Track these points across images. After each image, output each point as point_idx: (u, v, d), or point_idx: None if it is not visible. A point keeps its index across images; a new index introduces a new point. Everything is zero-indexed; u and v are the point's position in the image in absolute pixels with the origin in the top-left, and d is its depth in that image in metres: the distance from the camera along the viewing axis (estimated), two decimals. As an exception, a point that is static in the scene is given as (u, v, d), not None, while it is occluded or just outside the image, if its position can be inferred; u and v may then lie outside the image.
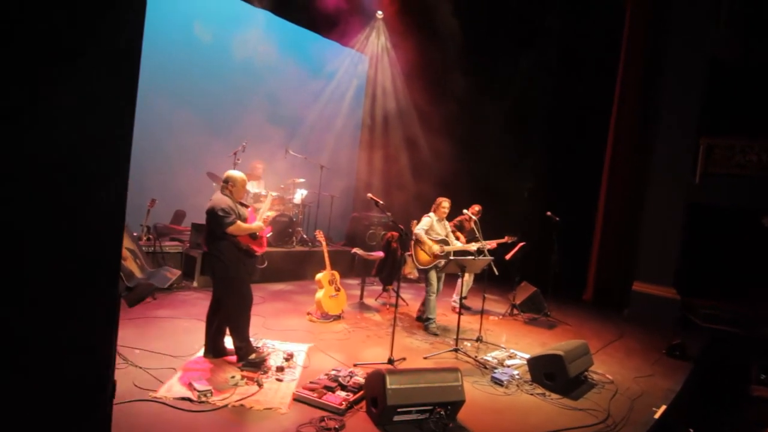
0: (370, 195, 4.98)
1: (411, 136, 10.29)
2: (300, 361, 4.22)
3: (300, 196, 8.06)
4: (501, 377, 4.23)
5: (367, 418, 3.33)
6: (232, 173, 4.07)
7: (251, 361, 3.90)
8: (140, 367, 3.66)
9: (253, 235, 4.06)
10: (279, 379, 3.77)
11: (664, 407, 4.12)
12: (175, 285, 6.05)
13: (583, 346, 4.61)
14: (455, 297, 6.67)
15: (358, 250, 7.17)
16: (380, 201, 4.84)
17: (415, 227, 5.81)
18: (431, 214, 5.81)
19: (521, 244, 6.80)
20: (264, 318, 5.34)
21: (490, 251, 5.89)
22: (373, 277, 7.11)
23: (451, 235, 5.94)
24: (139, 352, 3.97)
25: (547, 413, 3.79)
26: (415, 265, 5.85)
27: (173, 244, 6.83)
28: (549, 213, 6.92)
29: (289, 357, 4.17)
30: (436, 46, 9.51)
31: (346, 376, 3.72)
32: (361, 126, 10.88)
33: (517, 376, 4.37)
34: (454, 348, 4.95)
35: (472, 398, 3.70)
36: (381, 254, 6.87)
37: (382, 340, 5.05)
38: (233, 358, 4.02)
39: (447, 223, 5.94)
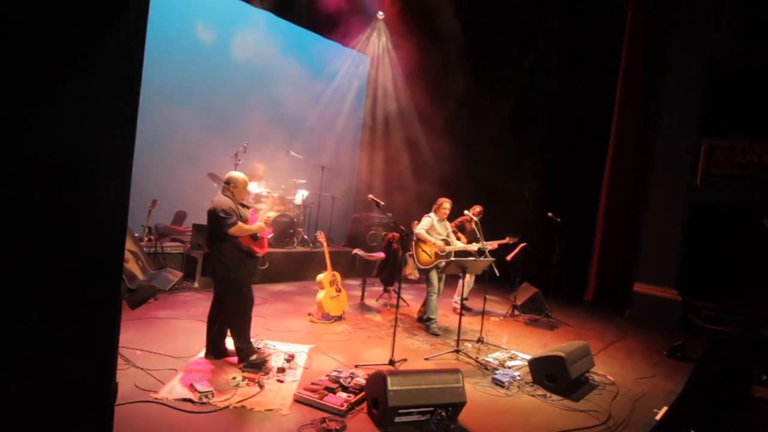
0: (371, 196, 4.98)
1: (412, 137, 10.30)
2: (301, 362, 4.23)
3: (301, 196, 8.06)
4: (502, 378, 4.23)
5: (368, 420, 3.33)
6: (234, 174, 4.08)
7: (252, 362, 3.90)
8: (141, 368, 3.67)
9: (255, 236, 4.07)
10: (280, 380, 3.78)
11: (665, 408, 4.11)
12: (176, 286, 6.04)
13: (584, 347, 4.61)
14: (456, 298, 6.67)
15: (359, 251, 7.16)
16: (381, 202, 4.84)
17: (416, 227, 5.81)
18: (432, 214, 5.81)
19: (522, 244, 6.79)
20: (265, 319, 5.34)
21: (491, 252, 5.89)
22: (374, 277, 7.11)
23: (452, 235, 5.94)
24: (141, 353, 3.98)
25: (548, 414, 3.79)
26: (416, 266, 5.85)
27: (174, 245, 6.83)
28: (550, 214, 6.92)
29: (290, 358, 4.18)
30: (437, 47, 9.52)
31: (347, 378, 3.72)
32: (362, 127, 10.88)
33: (518, 378, 4.36)
34: (455, 349, 4.95)
35: (473, 399, 3.70)
36: (382, 255, 6.87)
37: (383, 341, 5.05)
38: (234, 359, 4.02)
39: (448, 223, 5.94)
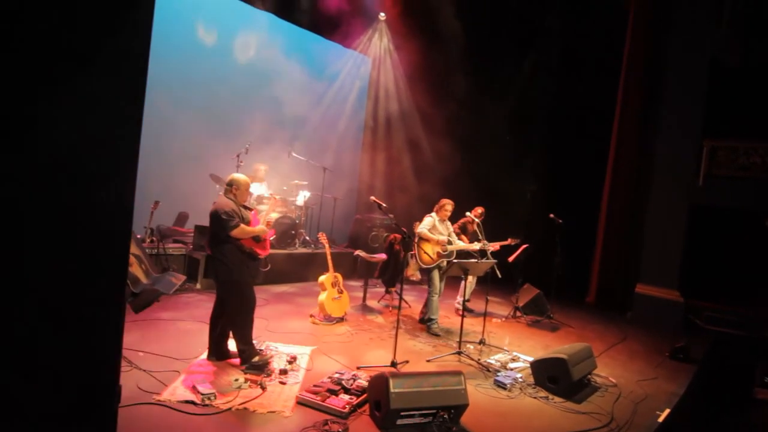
0: (373, 198, 4.97)
1: (413, 138, 10.31)
2: (303, 363, 4.23)
3: (303, 198, 8.07)
4: (504, 380, 4.23)
5: (370, 422, 3.33)
6: (236, 176, 4.09)
7: (255, 364, 3.91)
8: (144, 370, 3.67)
9: (257, 238, 4.07)
10: (282, 382, 3.78)
11: (667, 411, 4.11)
12: (179, 289, 6.05)
13: (586, 349, 4.60)
14: (458, 299, 6.66)
15: (361, 252, 7.16)
16: (383, 204, 4.83)
17: (418, 227, 5.81)
18: (433, 214, 5.82)
19: (524, 246, 6.79)
20: (267, 320, 5.35)
21: (493, 253, 5.90)
22: (376, 279, 7.12)
23: (454, 235, 5.94)
24: (143, 354, 3.98)
25: (551, 417, 3.79)
26: (418, 266, 5.85)
27: (176, 246, 6.84)
28: (552, 215, 6.91)
29: (292, 360, 4.18)
30: (439, 48, 9.52)
31: (349, 380, 3.72)
32: (364, 128, 10.89)
33: (521, 379, 4.36)
34: (457, 351, 4.95)
35: (475, 401, 3.70)
36: (384, 256, 6.87)
37: (385, 343, 5.05)
38: (236, 361, 4.02)
39: (449, 223, 5.94)
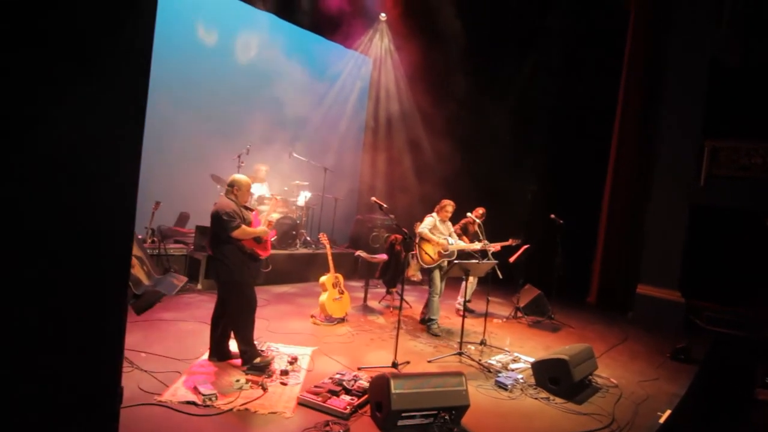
0: (374, 199, 4.97)
1: (414, 138, 10.31)
2: (304, 364, 4.23)
3: (303, 198, 8.07)
4: (505, 381, 4.23)
5: (371, 423, 3.33)
6: (238, 177, 4.09)
7: (256, 365, 3.91)
8: (145, 370, 3.68)
9: (258, 239, 4.07)
10: (283, 383, 3.78)
11: (669, 411, 4.10)
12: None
13: (587, 349, 4.59)
14: (459, 299, 6.66)
15: (362, 253, 7.16)
16: (384, 204, 4.83)
17: (419, 227, 5.82)
18: (434, 214, 5.82)
19: (525, 246, 6.78)
20: (268, 321, 5.35)
21: (494, 254, 5.89)
22: (377, 279, 7.12)
23: (454, 235, 5.95)
24: (144, 355, 3.99)
25: (552, 418, 3.79)
26: (419, 266, 5.85)
27: (177, 247, 6.84)
28: (553, 215, 6.91)
29: (294, 360, 4.18)
30: (439, 48, 9.51)
31: (350, 380, 3.72)
32: (365, 128, 10.89)
33: (522, 380, 4.36)
34: (458, 351, 4.95)
35: (476, 402, 3.70)
36: (385, 257, 6.87)
37: (386, 343, 5.06)
38: (238, 362, 4.02)
39: (450, 224, 5.94)
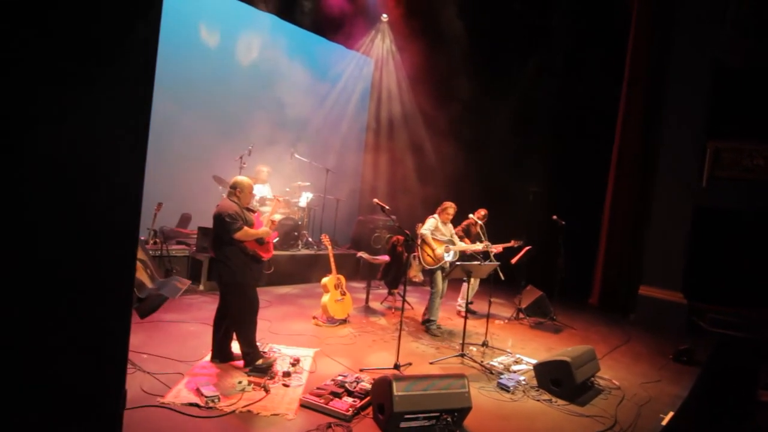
0: (376, 200, 4.96)
1: (416, 140, 10.31)
2: (306, 366, 4.23)
3: (305, 199, 8.08)
4: (507, 383, 4.23)
5: (373, 425, 3.33)
6: (240, 179, 4.10)
7: (258, 367, 3.91)
8: (148, 372, 3.68)
9: (260, 241, 4.08)
10: (286, 385, 3.79)
11: (671, 413, 4.09)
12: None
13: (589, 351, 4.59)
14: (460, 301, 6.66)
15: (364, 254, 7.16)
16: (386, 206, 4.83)
17: (421, 228, 5.82)
18: (435, 216, 5.82)
19: (527, 248, 6.78)
20: (270, 322, 5.36)
21: (496, 255, 5.89)
22: (379, 280, 7.12)
23: (456, 237, 5.95)
24: (147, 356, 3.99)
25: (554, 419, 3.79)
26: (421, 267, 5.86)
27: (180, 248, 6.85)
28: (555, 216, 6.90)
29: (296, 362, 4.18)
30: (441, 49, 9.52)
31: (352, 382, 3.73)
32: (367, 129, 10.90)
33: (524, 382, 4.36)
34: (460, 353, 4.94)
35: (479, 404, 3.70)
36: (386, 258, 6.87)
37: (388, 345, 5.06)
38: (240, 363, 4.03)
39: (451, 226, 5.94)
